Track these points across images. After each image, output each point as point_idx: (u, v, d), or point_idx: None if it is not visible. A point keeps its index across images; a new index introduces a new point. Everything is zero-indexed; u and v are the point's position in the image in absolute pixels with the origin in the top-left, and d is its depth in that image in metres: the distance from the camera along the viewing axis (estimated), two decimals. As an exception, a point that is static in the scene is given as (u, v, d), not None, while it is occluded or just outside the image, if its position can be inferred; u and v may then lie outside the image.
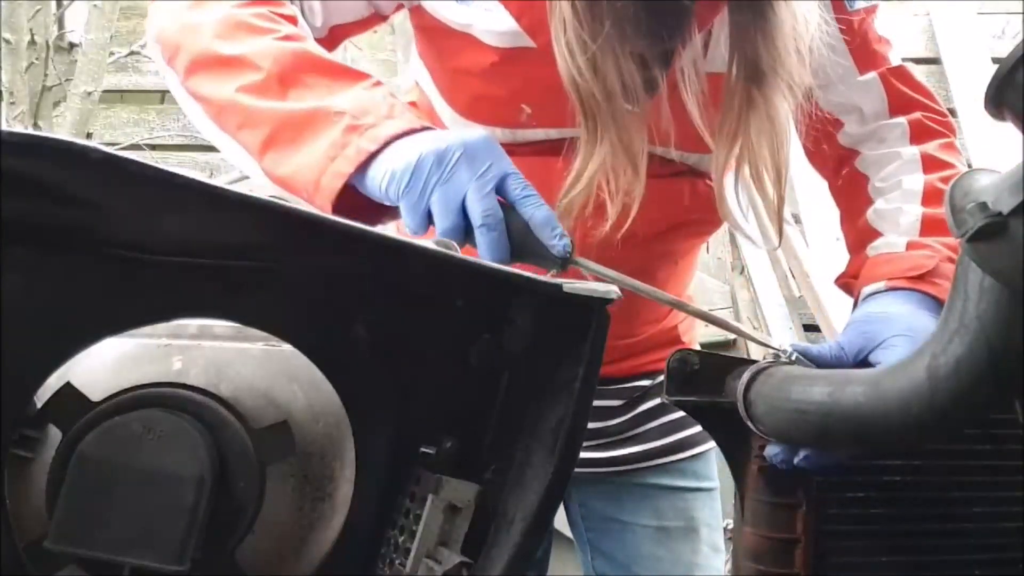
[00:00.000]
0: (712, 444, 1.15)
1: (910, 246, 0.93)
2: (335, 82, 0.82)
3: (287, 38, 0.85)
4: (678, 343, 1.17)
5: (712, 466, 1.20)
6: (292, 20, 0.90)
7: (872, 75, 1.03)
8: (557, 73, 0.88)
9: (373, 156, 0.78)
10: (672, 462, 1.16)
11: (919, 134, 1.02)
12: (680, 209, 1.04)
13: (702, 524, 1.17)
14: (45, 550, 0.58)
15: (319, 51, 0.86)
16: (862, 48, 1.02)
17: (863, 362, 0.78)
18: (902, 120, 1.03)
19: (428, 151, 0.76)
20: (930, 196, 0.97)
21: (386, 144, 0.78)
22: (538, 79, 0.92)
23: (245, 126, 0.83)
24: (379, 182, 0.78)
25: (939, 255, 0.90)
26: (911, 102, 1.04)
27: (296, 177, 0.81)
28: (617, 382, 1.14)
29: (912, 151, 1.01)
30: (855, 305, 0.94)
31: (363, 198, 0.81)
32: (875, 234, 0.98)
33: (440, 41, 0.97)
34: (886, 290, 0.88)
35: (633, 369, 1.14)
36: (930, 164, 1.00)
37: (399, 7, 1.00)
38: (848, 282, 1.00)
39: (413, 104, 1.10)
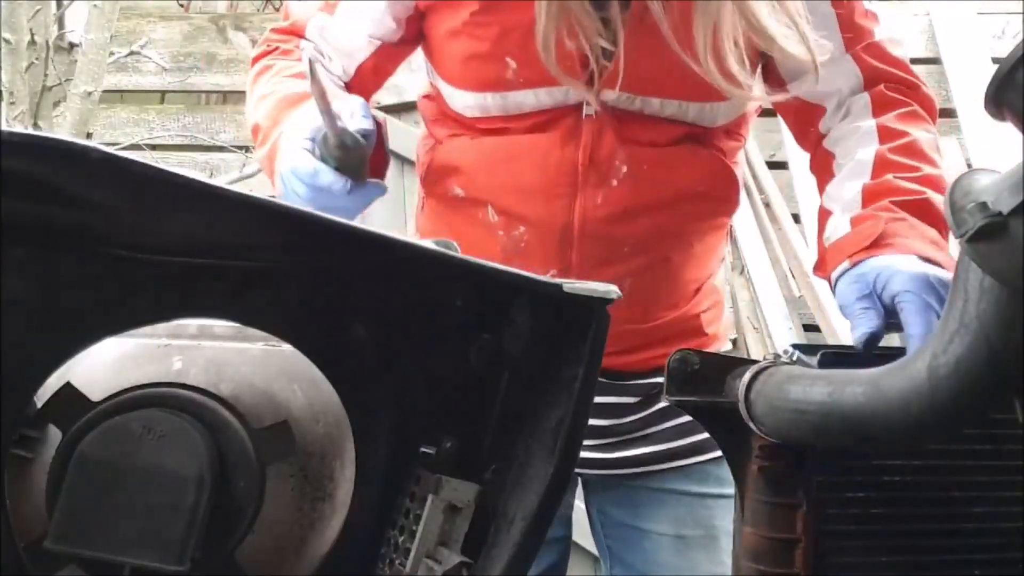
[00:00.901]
0: None
1: (854, 222, 0.93)
2: (289, 109, 0.98)
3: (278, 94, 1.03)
4: (700, 334, 1.13)
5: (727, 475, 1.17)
6: (297, 55, 1.08)
7: (847, 56, 1.02)
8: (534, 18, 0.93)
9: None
10: (691, 465, 1.12)
11: (880, 105, 1.02)
12: (685, 178, 1.03)
13: (723, 533, 1.12)
14: (45, 550, 0.58)
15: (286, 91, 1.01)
16: (849, 21, 1.01)
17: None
18: (865, 94, 1.03)
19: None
20: (878, 166, 0.97)
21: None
22: (517, 25, 0.96)
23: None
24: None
25: (881, 219, 0.90)
26: (880, 74, 1.03)
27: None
28: (632, 377, 1.10)
29: (870, 123, 1.01)
30: (834, 292, 0.93)
31: None
32: (827, 214, 0.99)
33: (432, 15, 1.04)
34: (851, 267, 0.88)
35: (648, 362, 1.09)
36: (885, 134, 0.99)
37: (406, 19, 1.06)
38: (817, 266, 1.00)
39: (427, 98, 1.13)
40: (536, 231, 1.02)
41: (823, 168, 1.05)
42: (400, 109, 2.77)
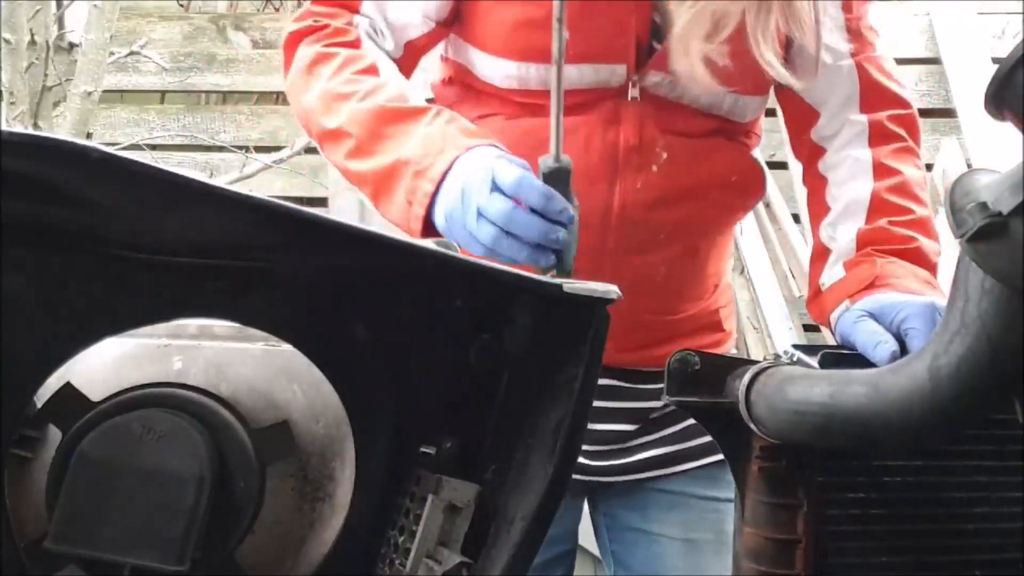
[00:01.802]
0: None
1: (847, 266, 0.97)
2: (406, 125, 0.91)
3: (366, 95, 0.94)
4: (719, 329, 1.13)
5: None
6: (355, 45, 1.01)
7: (850, 63, 1.04)
8: None
9: (435, 196, 0.85)
10: (700, 468, 1.10)
11: (877, 136, 1.04)
12: (719, 168, 1.04)
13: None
14: (45, 550, 0.58)
15: (391, 98, 0.94)
16: (856, 29, 1.03)
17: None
18: (863, 119, 1.04)
19: (462, 188, 0.83)
20: (873, 209, 0.99)
21: (441, 181, 0.85)
22: None
23: (360, 186, 0.95)
24: (441, 226, 0.85)
25: (876, 263, 0.93)
26: (881, 97, 1.05)
27: (398, 224, 0.90)
28: (653, 379, 1.07)
29: (865, 155, 1.03)
30: (834, 332, 0.95)
31: None
32: (825, 253, 1.02)
33: None
34: (852, 304, 0.90)
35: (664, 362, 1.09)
36: (880, 171, 1.02)
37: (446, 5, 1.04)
38: (811, 304, 1.03)
39: (445, 82, 1.11)
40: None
41: (816, 192, 1.07)
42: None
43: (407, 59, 1.06)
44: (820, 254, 1.03)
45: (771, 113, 1.17)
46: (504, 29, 1.01)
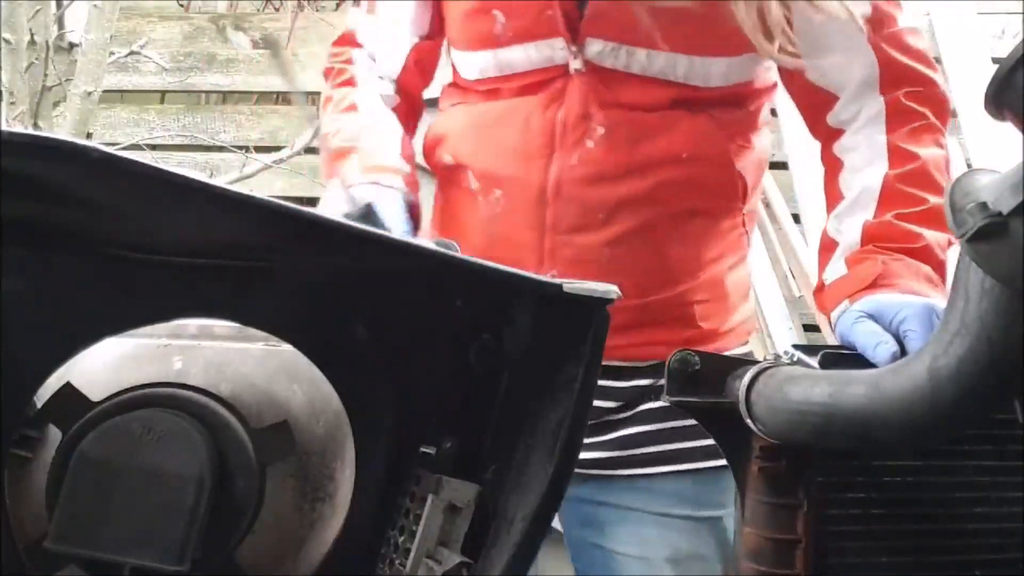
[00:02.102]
0: (708, 463, 1.03)
1: (849, 262, 0.94)
2: (338, 164, 1.04)
3: (335, 135, 1.08)
4: (692, 325, 1.05)
5: (715, 489, 1.04)
6: (351, 83, 1.12)
7: (867, 44, 0.99)
8: None
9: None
10: (652, 479, 1.05)
11: (895, 117, 0.99)
12: (665, 144, 0.99)
13: (690, 556, 1.04)
14: (45, 550, 0.58)
15: (345, 138, 1.06)
16: (875, 3, 0.98)
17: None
18: (880, 99, 0.99)
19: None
20: (884, 199, 0.95)
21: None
22: None
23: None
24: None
25: (879, 261, 0.90)
26: (902, 77, 0.99)
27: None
28: (621, 374, 1.04)
29: (881, 139, 0.98)
30: (834, 330, 0.92)
31: None
32: (832, 245, 0.98)
33: None
34: (851, 304, 0.88)
35: (636, 351, 1.03)
36: (895, 157, 0.97)
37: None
38: (816, 297, 0.99)
39: (448, 85, 1.15)
40: (512, 193, 1.01)
41: (832, 173, 1.02)
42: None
43: (418, 65, 1.13)
44: (827, 246, 0.99)
45: (771, 113, 1.16)
46: (457, 22, 1.06)
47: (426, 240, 0.63)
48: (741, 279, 1.14)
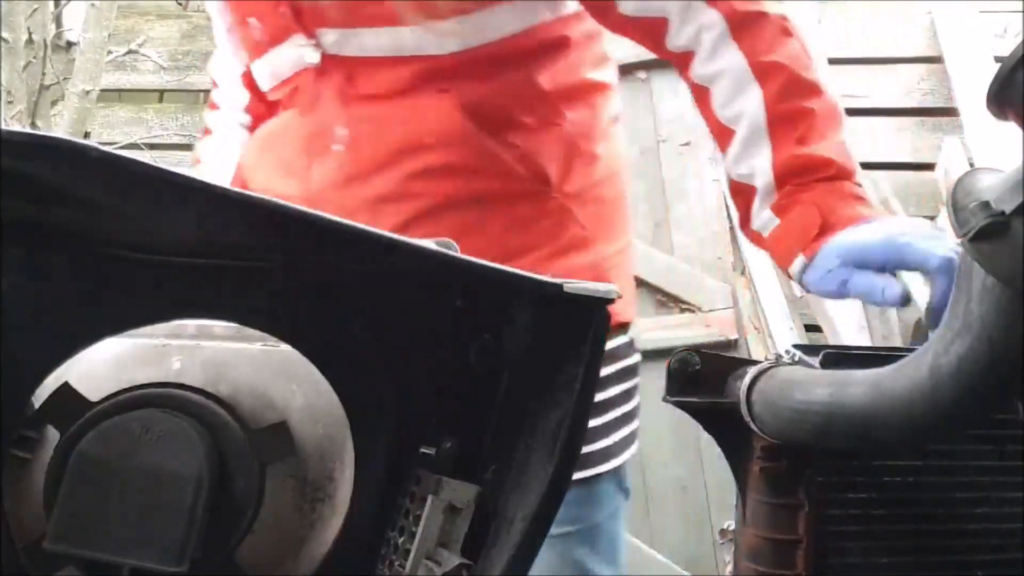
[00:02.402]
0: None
1: (777, 210, 0.89)
2: None
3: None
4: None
5: (583, 499, 0.98)
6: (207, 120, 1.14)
7: None
8: None
9: None
10: None
11: (738, 28, 0.91)
12: (406, 133, 0.91)
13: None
14: (43, 551, 0.57)
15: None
16: None
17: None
18: (713, 12, 0.91)
19: None
20: (775, 131, 0.89)
21: None
22: None
23: None
24: None
25: (811, 206, 0.86)
26: None
27: None
28: None
29: (739, 61, 0.91)
30: (799, 284, 0.89)
31: None
32: (748, 190, 0.92)
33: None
34: (813, 257, 0.86)
35: None
36: (760, 74, 0.90)
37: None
38: (745, 233, 0.94)
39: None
40: None
41: (702, 103, 0.95)
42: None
43: (253, 88, 1.11)
44: (739, 190, 0.93)
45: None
46: (230, 36, 1.07)
47: (426, 240, 0.63)
48: (573, 269, 1.01)
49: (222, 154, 1.11)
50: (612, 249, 1.06)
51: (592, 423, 0.79)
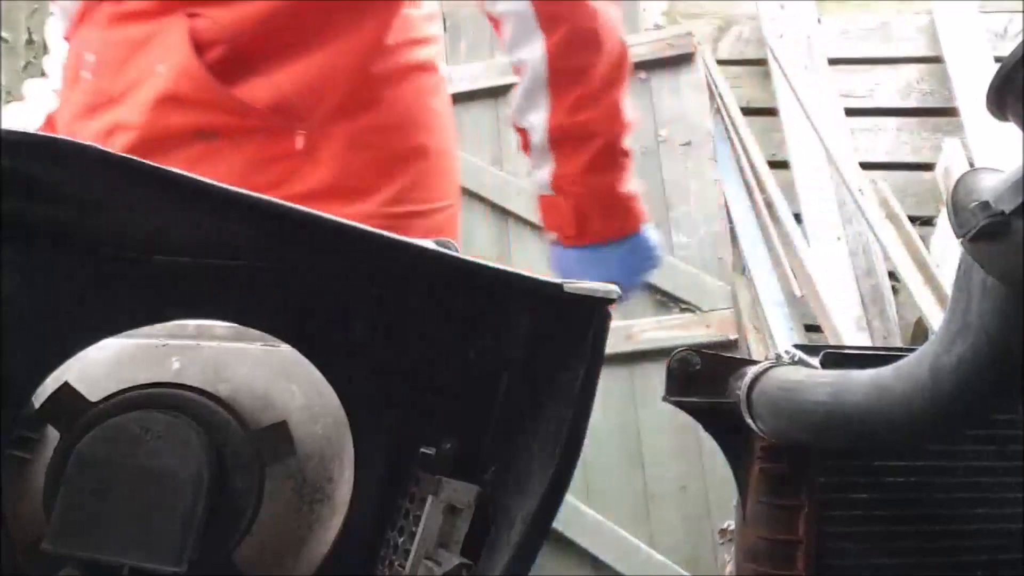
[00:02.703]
0: None
1: (553, 186, 0.97)
2: None
3: None
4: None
5: None
6: None
7: None
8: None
9: None
10: None
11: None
12: (154, 55, 0.89)
13: None
14: (43, 551, 0.57)
15: None
16: None
17: None
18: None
19: None
20: (554, 90, 0.93)
21: None
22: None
23: None
24: None
25: (568, 206, 0.96)
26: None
27: None
28: None
29: (526, 10, 0.92)
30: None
31: None
32: (529, 138, 0.99)
33: None
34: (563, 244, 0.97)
35: None
36: (545, 20, 0.92)
37: None
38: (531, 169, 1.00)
39: None
40: None
41: (499, 33, 0.98)
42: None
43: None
44: (521, 132, 0.98)
45: (771, 113, 1.15)
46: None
47: (426, 240, 0.63)
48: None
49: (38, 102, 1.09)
50: (407, 209, 1.02)
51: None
